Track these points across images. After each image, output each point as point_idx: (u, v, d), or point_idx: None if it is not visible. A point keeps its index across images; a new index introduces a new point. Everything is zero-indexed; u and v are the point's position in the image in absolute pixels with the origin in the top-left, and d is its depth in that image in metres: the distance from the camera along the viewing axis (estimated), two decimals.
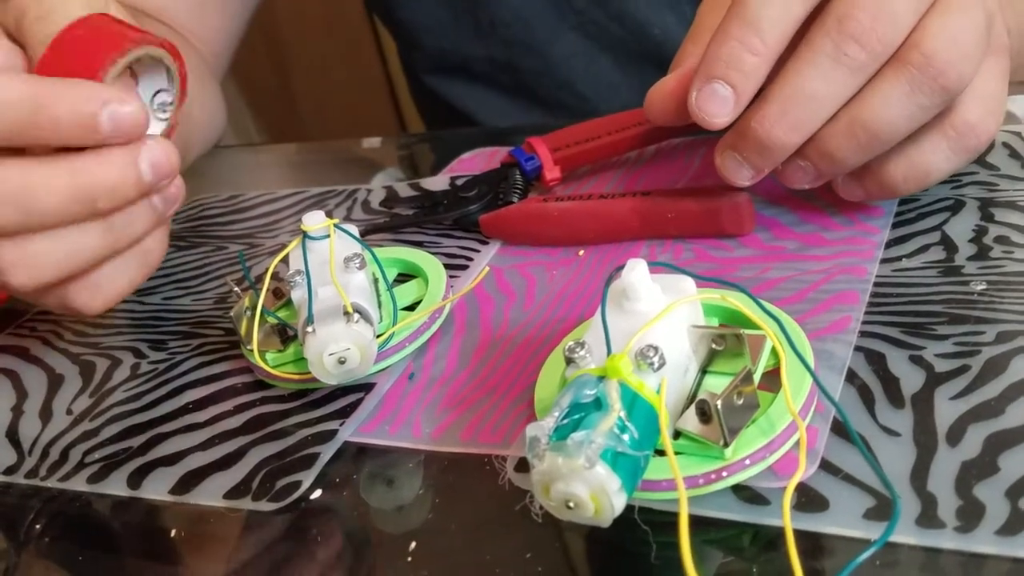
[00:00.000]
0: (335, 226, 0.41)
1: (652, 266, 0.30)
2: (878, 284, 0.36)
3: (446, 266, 0.43)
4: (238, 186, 0.62)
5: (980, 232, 0.38)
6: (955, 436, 0.29)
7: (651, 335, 0.29)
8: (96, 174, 0.36)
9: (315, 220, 0.40)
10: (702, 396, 0.28)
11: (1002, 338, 0.32)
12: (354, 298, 0.37)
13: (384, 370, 0.39)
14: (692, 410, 0.29)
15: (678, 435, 0.29)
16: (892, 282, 0.36)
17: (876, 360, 0.33)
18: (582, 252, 0.44)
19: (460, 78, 0.76)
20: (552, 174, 0.49)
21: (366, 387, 0.38)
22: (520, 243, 0.46)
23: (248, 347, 0.39)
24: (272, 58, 1.56)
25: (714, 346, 0.31)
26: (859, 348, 0.33)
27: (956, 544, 0.26)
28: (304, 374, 0.38)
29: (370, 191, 0.57)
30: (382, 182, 0.59)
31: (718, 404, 0.27)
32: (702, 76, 0.35)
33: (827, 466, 0.29)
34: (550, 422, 0.27)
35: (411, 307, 0.42)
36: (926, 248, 0.38)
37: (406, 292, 0.43)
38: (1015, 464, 0.27)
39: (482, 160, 0.57)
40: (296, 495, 0.34)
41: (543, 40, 0.71)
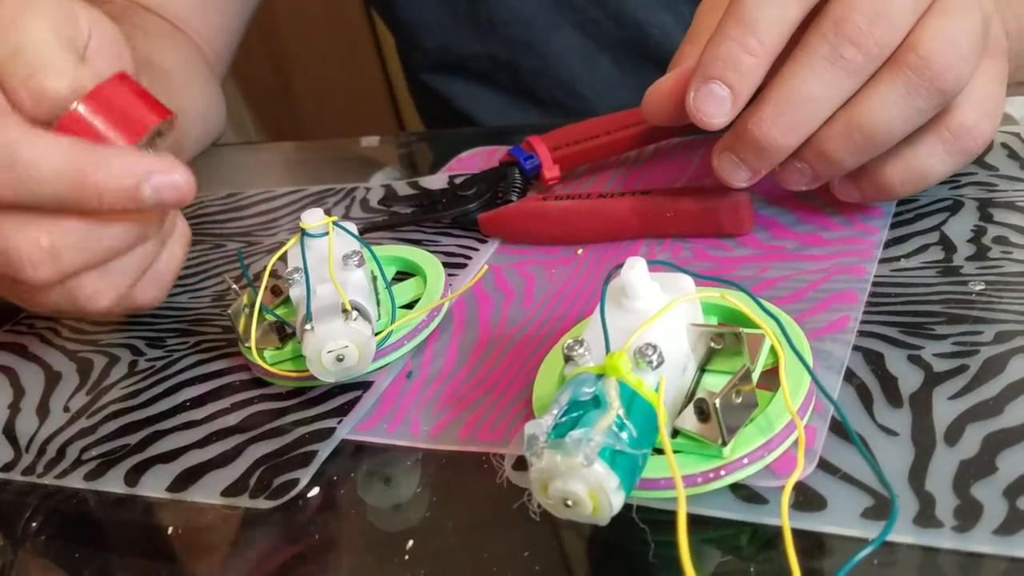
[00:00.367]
0: (334, 224, 0.41)
1: (651, 264, 0.30)
2: (877, 284, 0.36)
3: (444, 265, 0.43)
4: (236, 184, 0.62)
5: (979, 232, 0.38)
6: (953, 436, 0.29)
7: (650, 333, 0.29)
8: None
9: (314, 218, 0.40)
10: (700, 395, 0.28)
11: (1000, 338, 0.32)
12: (352, 296, 0.37)
13: (382, 368, 0.39)
14: (690, 409, 0.29)
15: (676, 434, 0.29)
16: (891, 282, 0.36)
17: (874, 360, 0.33)
18: (581, 251, 0.44)
19: (459, 77, 0.76)
20: (551, 173, 0.49)
21: (364, 385, 0.38)
22: (519, 242, 0.46)
23: (246, 344, 0.39)
24: (271, 57, 1.56)
25: (713, 345, 0.31)
26: (857, 348, 0.33)
27: (954, 543, 0.26)
28: (302, 372, 0.37)
29: (368, 189, 0.57)
30: (381, 181, 0.58)
31: (716, 403, 0.27)
32: (699, 76, 0.35)
33: (825, 465, 0.29)
34: (548, 420, 0.27)
35: (409, 305, 0.42)
36: (925, 248, 0.38)
37: (404, 290, 0.43)
38: (1013, 464, 0.27)
39: (481, 159, 0.57)
40: (293, 493, 0.34)
41: (542, 39, 0.71)
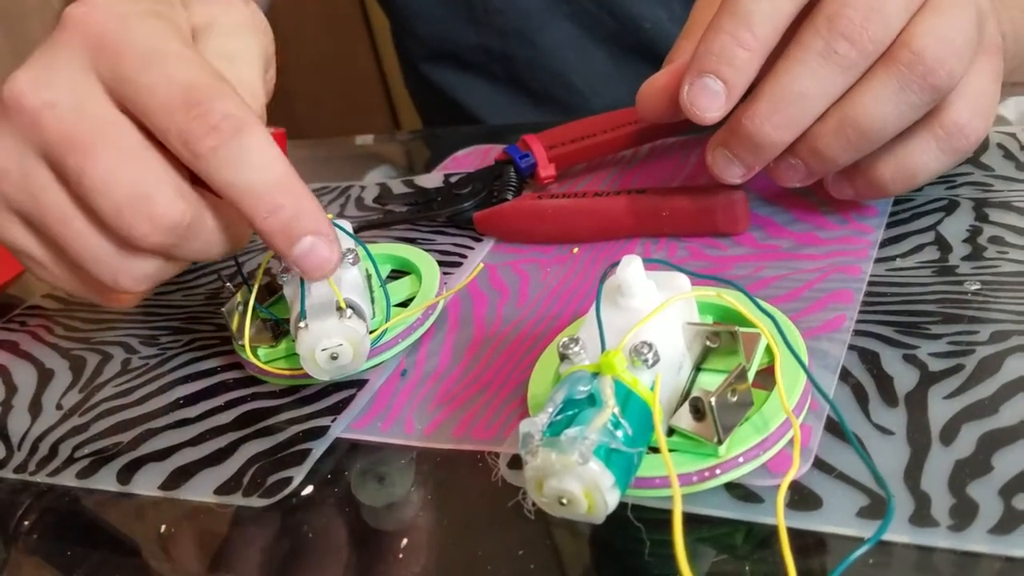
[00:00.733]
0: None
1: (647, 262, 0.30)
2: (872, 283, 0.36)
3: (439, 263, 0.43)
4: None
5: (974, 232, 0.38)
6: (949, 435, 0.29)
7: (645, 331, 0.29)
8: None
9: None
10: (696, 393, 0.28)
11: (996, 338, 0.32)
12: (347, 294, 0.37)
13: (376, 367, 0.39)
14: (686, 407, 0.29)
15: (671, 432, 0.29)
16: (886, 281, 0.36)
17: (870, 359, 0.33)
18: (576, 250, 0.44)
19: (454, 66, 0.76)
20: (547, 172, 0.49)
21: (358, 383, 0.38)
22: (514, 240, 0.46)
23: (240, 342, 0.39)
24: None
25: (709, 343, 0.30)
26: (853, 347, 0.33)
27: (949, 543, 0.25)
28: (296, 370, 0.37)
29: (363, 188, 0.57)
30: (376, 179, 0.58)
31: (712, 401, 0.27)
32: (693, 70, 0.35)
33: (821, 464, 0.29)
34: (543, 418, 0.26)
35: (404, 304, 0.42)
36: (920, 248, 0.38)
37: (399, 289, 0.43)
38: (1009, 463, 0.27)
39: (476, 158, 0.57)
40: (287, 491, 0.34)
41: (536, 28, 0.71)
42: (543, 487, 0.26)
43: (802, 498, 0.28)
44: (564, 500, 0.26)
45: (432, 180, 0.55)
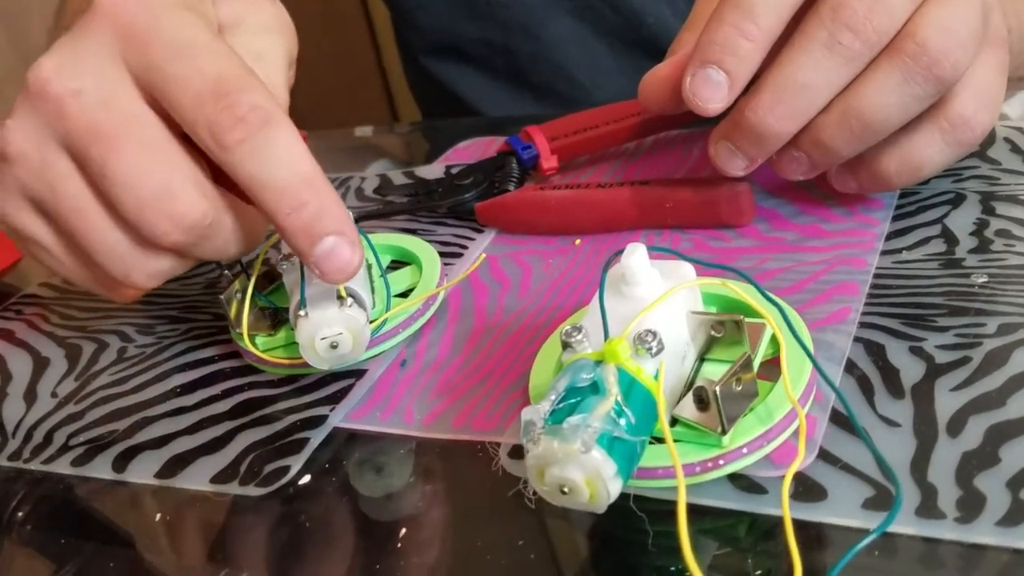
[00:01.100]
0: None
1: (652, 251, 0.30)
2: (878, 276, 0.36)
3: (440, 254, 0.43)
4: None
5: (981, 225, 0.37)
6: (956, 427, 0.28)
7: (650, 320, 0.28)
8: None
9: None
10: (700, 383, 0.28)
11: (1003, 330, 0.32)
12: (347, 282, 0.36)
13: (376, 357, 0.38)
14: (689, 397, 0.28)
15: (675, 422, 0.29)
16: (892, 274, 0.36)
17: (876, 351, 0.32)
18: (579, 241, 0.44)
19: (455, 60, 0.76)
20: (549, 163, 0.48)
21: (357, 373, 0.38)
22: (516, 232, 0.46)
23: (238, 331, 0.39)
24: None
25: (713, 333, 0.30)
26: (859, 339, 0.33)
27: (956, 535, 0.25)
28: (294, 359, 0.37)
29: (363, 179, 0.56)
30: (377, 171, 0.58)
31: (716, 390, 0.27)
32: (696, 61, 0.35)
33: (825, 456, 0.29)
34: (546, 406, 0.26)
35: (405, 294, 0.41)
36: (927, 241, 0.37)
37: (399, 279, 0.42)
38: (1016, 455, 0.27)
39: (478, 149, 0.57)
40: (284, 480, 0.33)
41: (539, 22, 0.70)
42: (545, 475, 0.26)
43: (807, 489, 0.28)
44: (566, 489, 0.25)
45: (433, 171, 0.55)
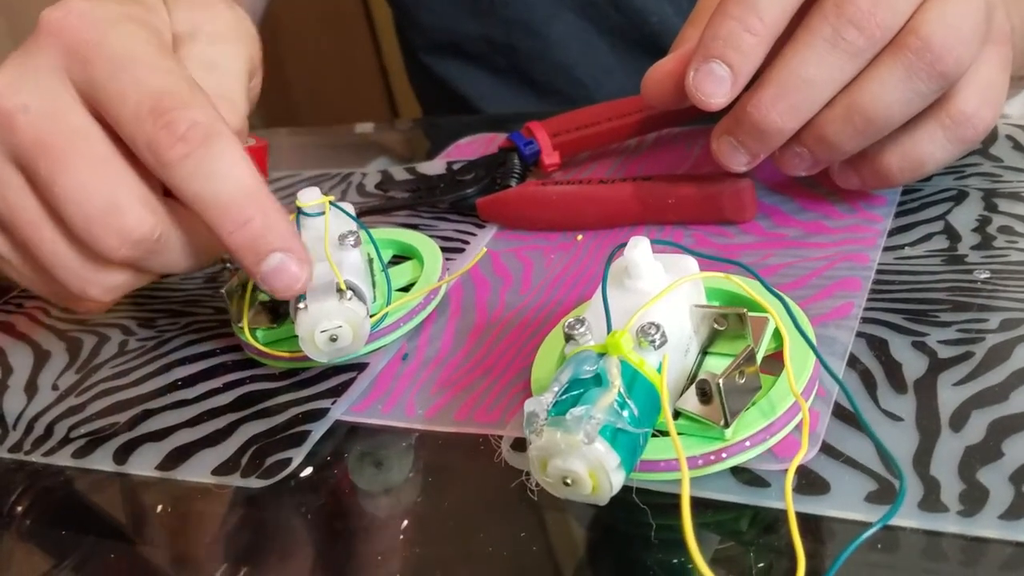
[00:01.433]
0: (331, 204, 0.40)
1: (655, 244, 0.30)
2: (881, 271, 0.36)
3: (442, 249, 0.43)
4: None
5: (984, 222, 0.37)
6: (958, 421, 0.28)
7: (653, 313, 0.28)
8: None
9: (310, 196, 0.40)
10: (703, 376, 0.28)
11: (1006, 326, 0.32)
12: (348, 276, 0.36)
13: (377, 350, 0.38)
14: (692, 390, 0.28)
15: (677, 415, 0.29)
16: (895, 270, 0.36)
17: (878, 346, 0.32)
18: (580, 237, 0.44)
19: (457, 58, 0.75)
20: (551, 159, 0.48)
21: (358, 367, 0.38)
22: (517, 227, 0.46)
23: (239, 324, 0.39)
24: (266, 46, 1.55)
25: (716, 326, 0.30)
26: (861, 334, 0.33)
27: (959, 528, 0.25)
28: (295, 352, 0.37)
29: (365, 175, 0.56)
30: (378, 167, 0.58)
31: (720, 383, 0.27)
32: (700, 55, 0.35)
33: (828, 450, 0.29)
34: (549, 397, 0.26)
35: (405, 288, 0.41)
36: (929, 237, 0.37)
37: (401, 273, 0.42)
38: (1019, 449, 0.27)
39: (479, 146, 0.57)
40: (286, 472, 0.33)
41: (541, 20, 0.70)
42: (547, 467, 0.25)
43: (809, 483, 0.28)
44: (568, 480, 0.25)
45: (435, 167, 0.54)
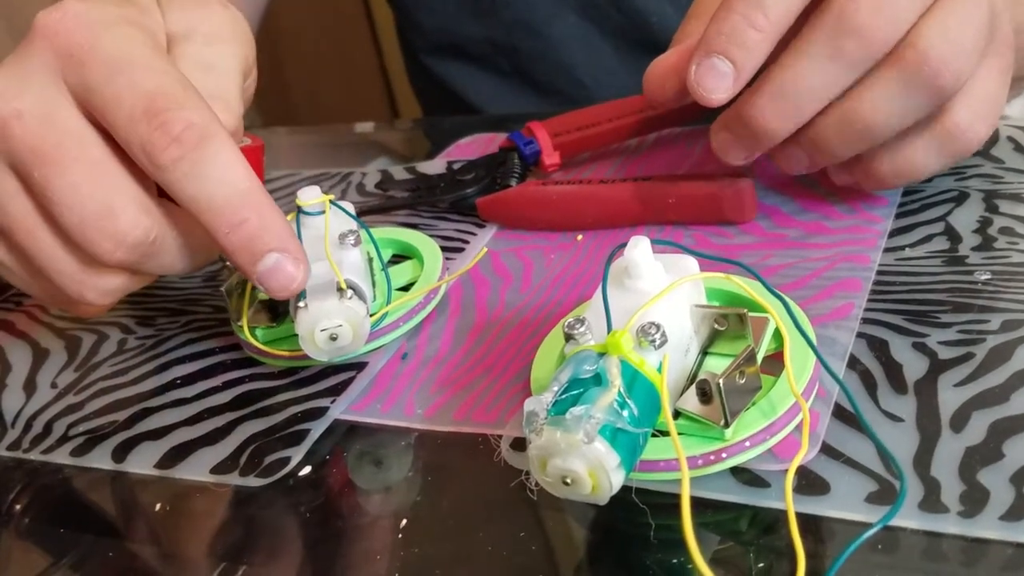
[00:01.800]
0: (331, 203, 0.40)
1: (655, 244, 0.30)
2: (881, 272, 0.36)
3: (442, 249, 0.43)
4: None
5: (984, 223, 0.37)
6: (959, 422, 0.28)
7: (653, 312, 0.28)
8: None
9: (311, 195, 0.40)
10: (703, 376, 0.28)
11: (1006, 327, 0.32)
12: (348, 275, 0.36)
13: (377, 350, 0.38)
14: (692, 390, 0.28)
15: (677, 415, 0.29)
16: (895, 270, 0.36)
17: (879, 347, 0.32)
18: (580, 237, 0.43)
19: (458, 59, 0.75)
20: (551, 159, 0.48)
21: (358, 366, 0.38)
22: (517, 227, 0.46)
23: (238, 323, 0.39)
24: (266, 46, 1.55)
25: (716, 326, 0.30)
26: (861, 335, 0.33)
27: (960, 529, 0.25)
28: (295, 351, 0.37)
29: (365, 174, 0.56)
30: (378, 167, 0.58)
31: (720, 383, 0.27)
32: (703, 50, 0.35)
33: (828, 450, 0.28)
34: (548, 397, 0.26)
35: (405, 288, 0.41)
36: (930, 238, 0.37)
37: (401, 273, 0.42)
38: (1020, 450, 0.27)
39: (480, 146, 0.57)
40: (285, 471, 0.33)
41: (542, 21, 0.70)
42: (547, 466, 0.25)
43: (809, 483, 0.28)
44: (568, 480, 0.25)
45: (435, 167, 0.54)
